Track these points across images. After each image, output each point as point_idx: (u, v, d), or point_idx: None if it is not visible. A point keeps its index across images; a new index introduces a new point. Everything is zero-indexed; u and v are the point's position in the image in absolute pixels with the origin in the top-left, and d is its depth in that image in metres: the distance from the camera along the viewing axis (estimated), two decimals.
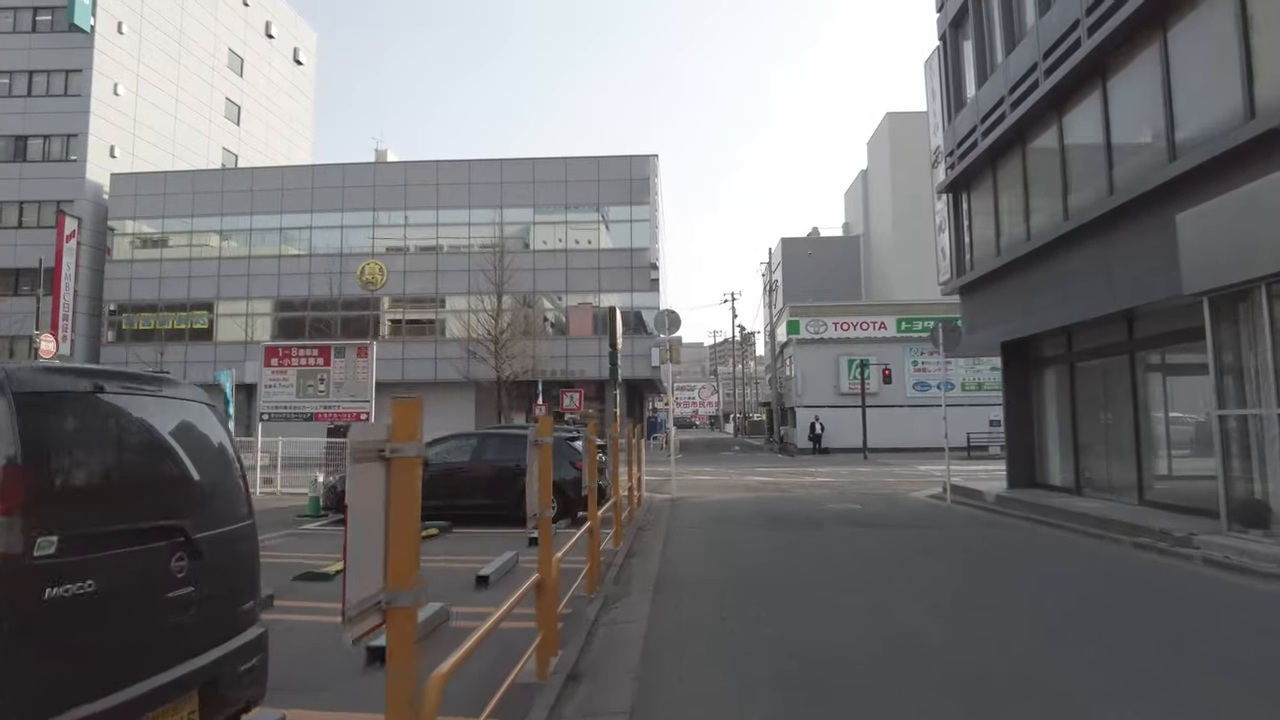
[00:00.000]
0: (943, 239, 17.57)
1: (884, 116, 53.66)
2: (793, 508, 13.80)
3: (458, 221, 37.57)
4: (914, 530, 10.82)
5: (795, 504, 14.56)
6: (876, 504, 14.51)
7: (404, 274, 37.69)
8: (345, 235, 38.35)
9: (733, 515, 12.71)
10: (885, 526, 11.18)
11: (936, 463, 28.41)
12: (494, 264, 33.42)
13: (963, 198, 16.40)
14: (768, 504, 14.58)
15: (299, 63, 59.85)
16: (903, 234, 51.37)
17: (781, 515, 12.49)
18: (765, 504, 14.60)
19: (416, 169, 38.60)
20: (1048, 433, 14.07)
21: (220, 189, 39.10)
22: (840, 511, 13.17)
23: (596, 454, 9.95)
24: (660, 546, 9.33)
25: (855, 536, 10.22)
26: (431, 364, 36.63)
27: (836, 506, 14.01)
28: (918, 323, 36.89)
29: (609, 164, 37.65)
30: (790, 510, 13.35)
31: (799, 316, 37.53)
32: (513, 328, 33.78)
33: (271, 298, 38.23)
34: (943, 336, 14.23)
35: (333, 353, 16.86)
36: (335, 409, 16.75)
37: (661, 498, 16.02)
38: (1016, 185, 13.74)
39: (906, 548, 9.32)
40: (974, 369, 36.66)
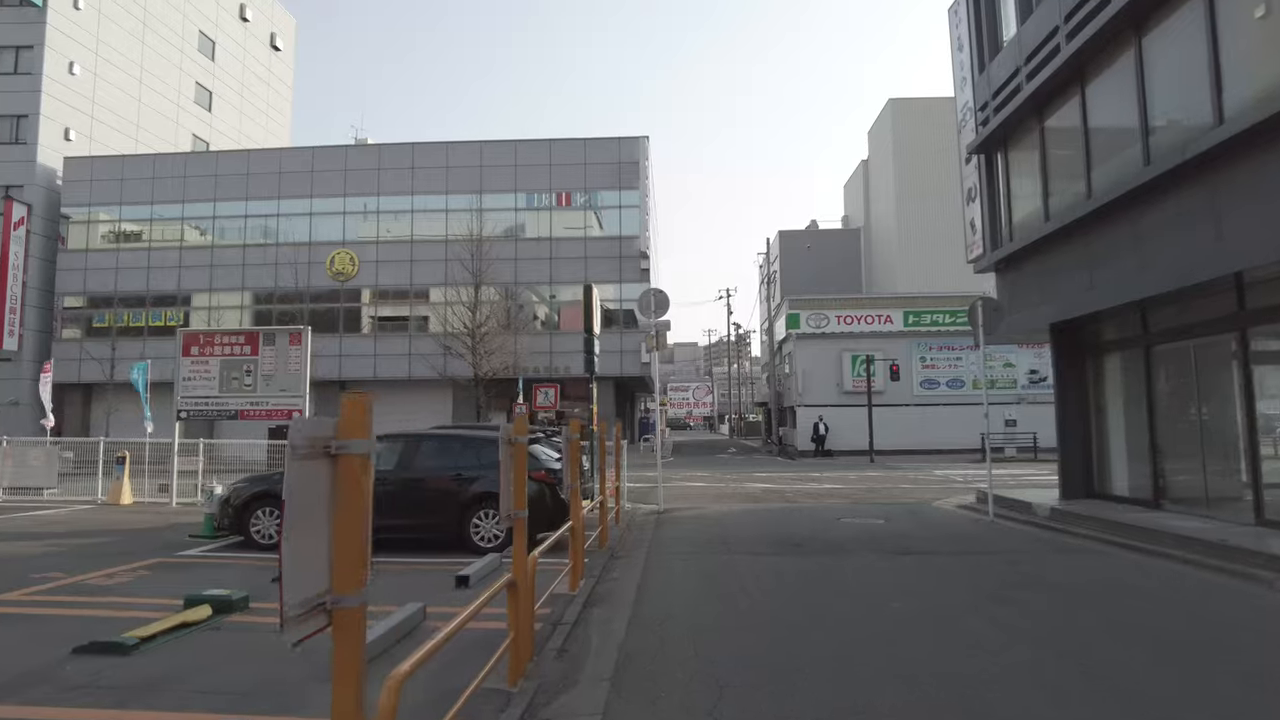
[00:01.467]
0: (972, 210, 15.20)
1: (886, 103, 51.40)
2: (803, 524, 11.39)
3: (434, 208, 35.11)
4: (967, 560, 8.41)
5: (805, 519, 12.15)
6: (903, 518, 12.11)
7: (376, 264, 35.28)
8: (314, 223, 35.86)
9: (731, 535, 10.28)
10: (928, 553, 8.76)
11: (952, 466, 26.16)
12: (472, 253, 31.05)
13: (998, 158, 14.04)
14: (772, 519, 12.16)
15: (276, 49, 57.39)
16: (907, 225, 49.10)
17: (791, 536, 10.06)
18: (769, 519, 12.19)
19: (391, 152, 36.12)
20: (1110, 432, 11.71)
21: (183, 174, 36.58)
22: (862, 529, 10.76)
23: (579, 457, 7.63)
24: (634, 589, 6.90)
25: (895, 570, 7.81)
26: (405, 360, 34.17)
27: (856, 522, 11.60)
28: (926, 316, 34.59)
29: (597, 146, 35.24)
30: (801, 528, 10.93)
31: (799, 309, 35.16)
32: (492, 321, 31.38)
33: (236, 289, 35.71)
34: (983, 316, 11.84)
35: (261, 340, 14.42)
36: (264, 405, 14.32)
37: (647, 509, 13.62)
38: (1072, 134, 11.37)
39: (970, 587, 6.91)
40: (986, 365, 34.29)
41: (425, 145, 36.04)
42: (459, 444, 9.33)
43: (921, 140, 49.03)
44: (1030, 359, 34.27)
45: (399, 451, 9.24)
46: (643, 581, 7.20)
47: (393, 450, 9.20)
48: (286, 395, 14.29)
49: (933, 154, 48.81)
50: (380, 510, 7.87)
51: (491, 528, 8.88)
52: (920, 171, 48.67)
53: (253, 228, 36.18)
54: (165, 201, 36.41)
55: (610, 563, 8.32)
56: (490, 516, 8.85)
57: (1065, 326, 12.09)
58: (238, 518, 9.12)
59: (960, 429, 32.22)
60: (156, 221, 36.69)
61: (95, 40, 40.54)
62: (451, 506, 8.86)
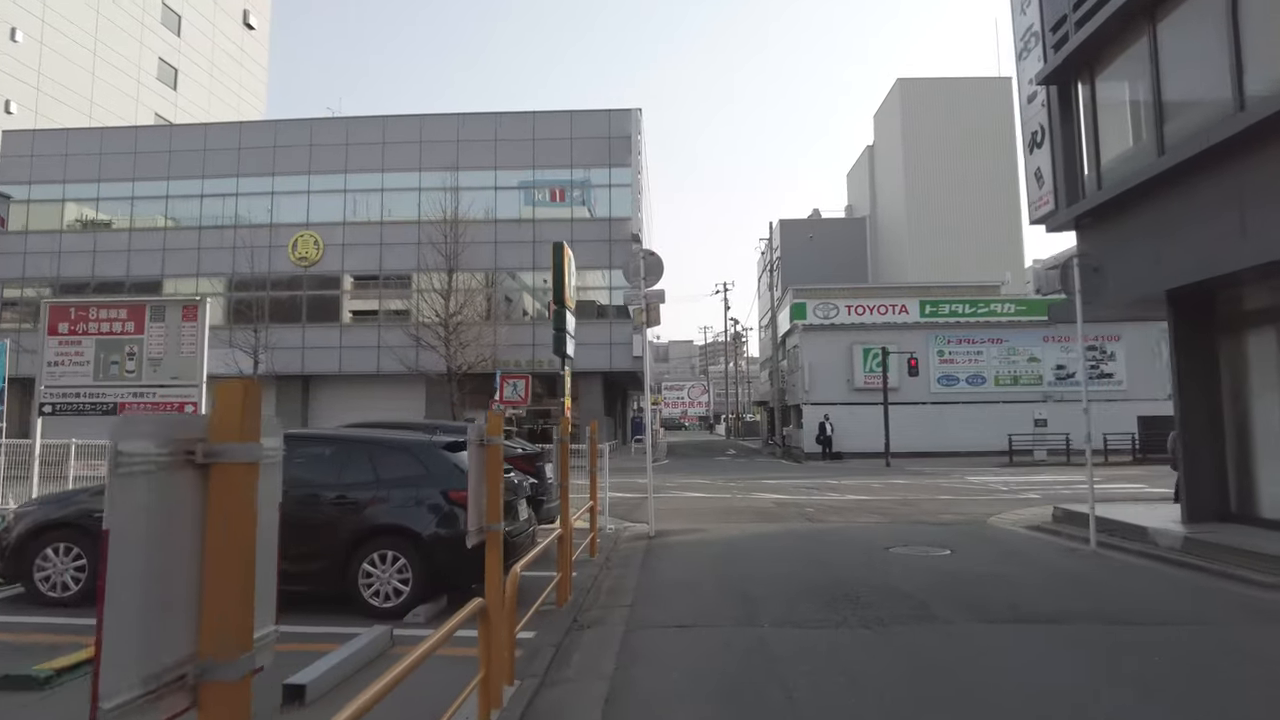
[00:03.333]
0: (1038, 158, 12.27)
1: (894, 84, 48.55)
2: (845, 558, 8.42)
3: (407, 187, 32.05)
4: (1126, 634, 5.43)
5: (843, 548, 9.19)
6: (972, 548, 9.15)
7: (343, 248, 32.21)
8: (276, 203, 32.76)
9: (751, 579, 7.26)
10: (1055, 619, 5.77)
11: (979, 470, 23.12)
12: (446, 235, 28.05)
13: (1077, 87, 11.11)
14: (800, 549, 9.18)
15: (250, 26, 54.40)
16: (917, 212, 46.24)
17: (838, 582, 7.05)
18: (796, 549, 9.20)
19: (360, 126, 33.04)
20: (1255, 435, 8.77)
21: (133, 149, 33.42)
22: (929, 567, 7.82)
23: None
24: None
25: (1034, 660, 4.83)
26: (374, 353, 31.11)
27: (914, 554, 8.65)
28: (944, 306, 31.71)
29: (584, 120, 32.24)
30: (844, 564, 7.96)
31: (805, 299, 32.21)
32: (468, 310, 28.37)
33: (190, 275, 32.58)
34: (1079, 279, 8.84)
35: (148, 315, 11.35)
36: (149, 397, 11.26)
37: (634, 531, 10.65)
38: (1205, 30, 8.42)
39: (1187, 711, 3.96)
40: (1009, 360, 31.51)
41: (397, 119, 33.02)
42: (347, 451, 6.29)
43: (932, 123, 46.22)
44: (1056, 353, 31.46)
45: None
46: (613, 695, 4.19)
47: None
48: (179, 385, 11.23)
49: (944, 137, 46.03)
50: None
51: (393, 578, 5.87)
52: (931, 155, 45.86)
53: (210, 208, 33.06)
54: (114, 179, 33.30)
55: (569, 640, 5.32)
56: (391, 561, 5.85)
57: (1189, 293, 9.15)
58: (15, 559, 6.10)
59: (982, 429, 29.37)
60: (105, 201, 33.59)
61: (42, 6, 37.44)
62: (330, 545, 5.87)
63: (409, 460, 6.11)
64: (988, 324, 31.50)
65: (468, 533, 3.70)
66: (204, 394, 11.19)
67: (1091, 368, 31.41)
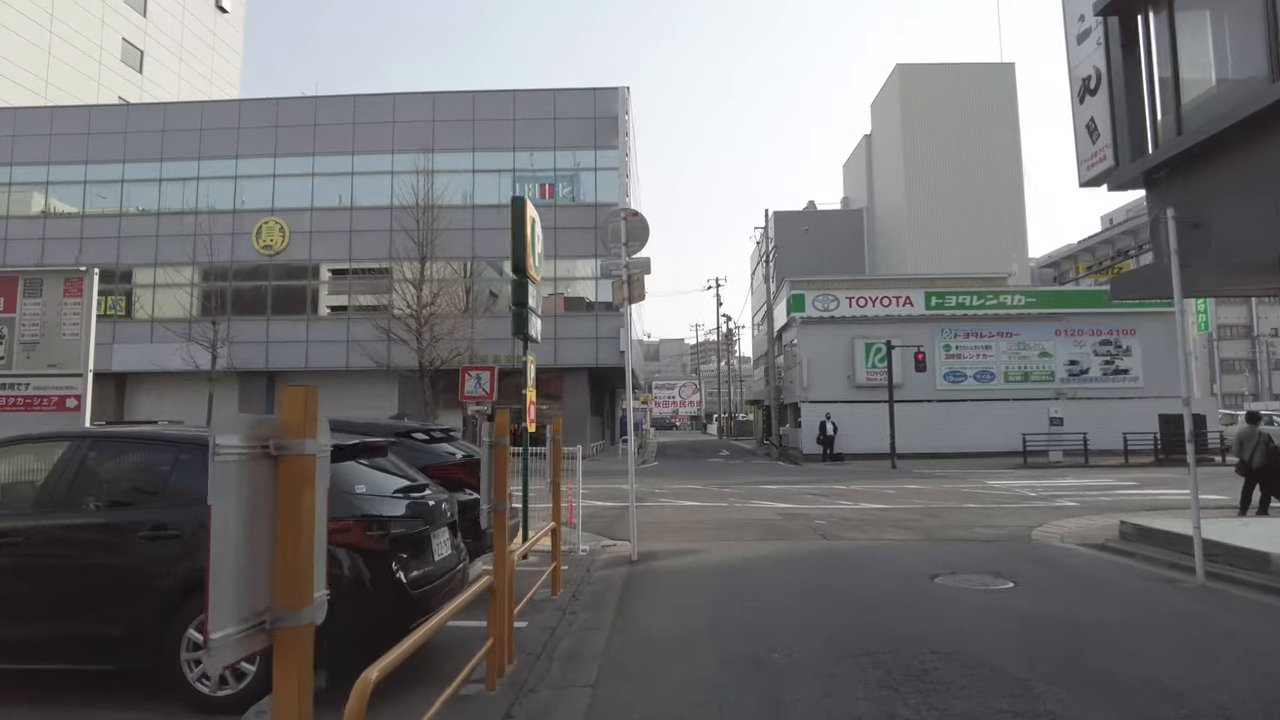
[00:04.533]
0: (1091, 106, 10.38)
1: (893, 70, 46.74)
2: (886, 598, 6.46)
3: (378, 170, 29.98)
4: None
5: (879, 579, 7.25)
6: (1037, 577, 7.24)
7: (310, 235, 30.13)
8: (240, 187, 30.65)
9: (765, 638, 5.23)
10: None
11: (993, 473, 21.13)
12: (419, 220, 26.02)
13: (1149, 15, 9.22)
14: (825, 583, 7.21)
15: (223, 9, 52.13)
16: (917, 203, 44.42)
17: (887, 641, 5.03)
18: (817, 581, 7.24)
19: (329, 106, 30.94)
20: None
21: (86, 130, 31.22)
22: (994, 608, 5.92)
23: None
24: None
25: None
26: (343, 348, 29.02)
27: (965, 586, 6.74)
28: (950, 297, 29.87)
29: (569, 99, 30.26)
30: (890, 611, 5.96)
31: (804, 290, 30.31)
32: (442, 300, 26.33)
33: (148, 264, 30.43)
34: (1175, 238, 6.91)
35: (21, 289, 9.32)
36: (20, 390, 9.22)
37: (613, 554, 8.71)
38: None
39: None
40: (1019, 354, 29.71)
41: (368, 98, 30.94)
42: (168, 458, 4.25)
43: (933, 110, 44.43)
44: (1069, 348, 29.69)
45: (38, 473, 4.20)
46: None
47: (19, 471, 4.19)
48: (58, 374, 9.20)
49: (945, 124, 44.25)
50: None
51: None
52: (932, 144, 44.06)
53: (169, 193, 30.88)
54: (66, 162, 31.10)
55: None
56: None
57: None
58: None
59: (992, 428, 27.57)
60: (55, 185, 31.40)
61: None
62: (135, 599, 3.86)
63: (482, 466, 4.22)
64: (997, 316, 29.69)
65: None
66: (88, 384, 9.19)
67: (1106, 363, 29.70)
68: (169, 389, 29.30)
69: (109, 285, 30.52)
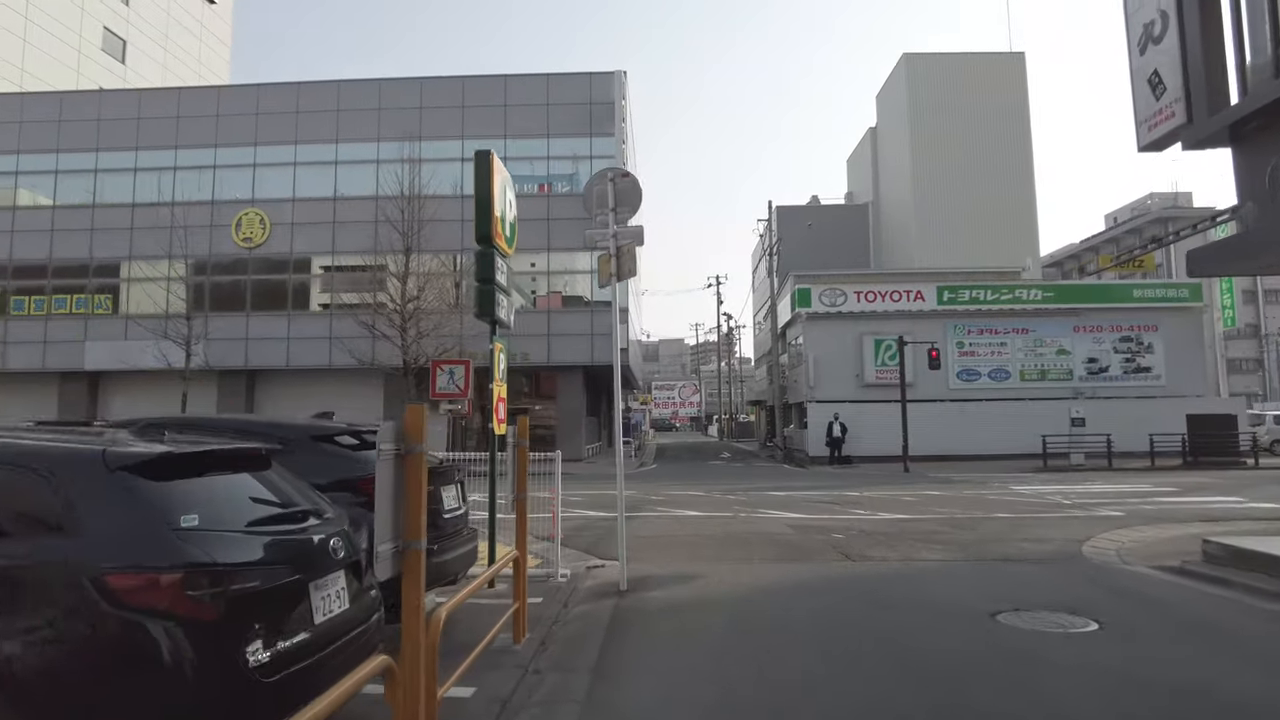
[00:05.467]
0: (1154, 58, 8.98)
1: (899, 60, 45.31)
2: (945, 653, 5.01)
3: (363, 159, 28.57)
4: None
5: (928, 620, 5.82)
6: (1131, 617, 5.80)
7: (291, 227, 28.72)
8: (219, 178, 29.23)
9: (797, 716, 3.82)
10: None
11: (1019, 478, 19.01)
12: (404, 211, 24.57)
13: None
14: (860, 625, 5.78)
15: (211, 0, 50.81)
16: (924, 196, 42.99)
17: None
18: (854, 626, 5.80)
19: (312, 92, 29.54)
20: None
21: (58, 117, 29.79)
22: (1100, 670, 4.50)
23: None
24: None
25: None
26: (325, 345, 27.60)
27: (1044, 631, 5.33)
28: (964, 292, 28.46)
29: (562, 84, 28.87)
30: (955, 676, 4.51)
31: (810, 285, 28.88)
32: (428, 294, 24.88)
33: (122, 258, 29.02)
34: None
35: None
36: None
37: (598, 582, 7.29)
38: None
39: None
40: (1036, 352, 28.29)
41: (352, 83, 29.56)
42: None
43: (940, 101, 43.02)
44: (1088, 345, 28.28)
45: None
46: None
47: None
48: None
49: (953, 116, 42.82)
50: None
51: None
52: (939, 136, 42.64)
53: (144, 184, 29.46)
54: (37, 151, 29.70)
55: None
56: None
57: None
58: None
59: (1007, 429, 26.17)
60: (25, 175, 29.99)
61: None
62: None
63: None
64: (1012, 312, 28.28)
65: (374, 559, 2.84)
66: None
67: (1126, 361, 28.29)
68: (144, 388, 27.85)
69: (80, 280, 29.16)
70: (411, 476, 3.10)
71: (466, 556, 5.62)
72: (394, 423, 3.07)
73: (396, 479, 3.05)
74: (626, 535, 7.17)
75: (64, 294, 29.12)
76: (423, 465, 3.14)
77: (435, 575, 5.23)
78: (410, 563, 3.05)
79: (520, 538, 5.24)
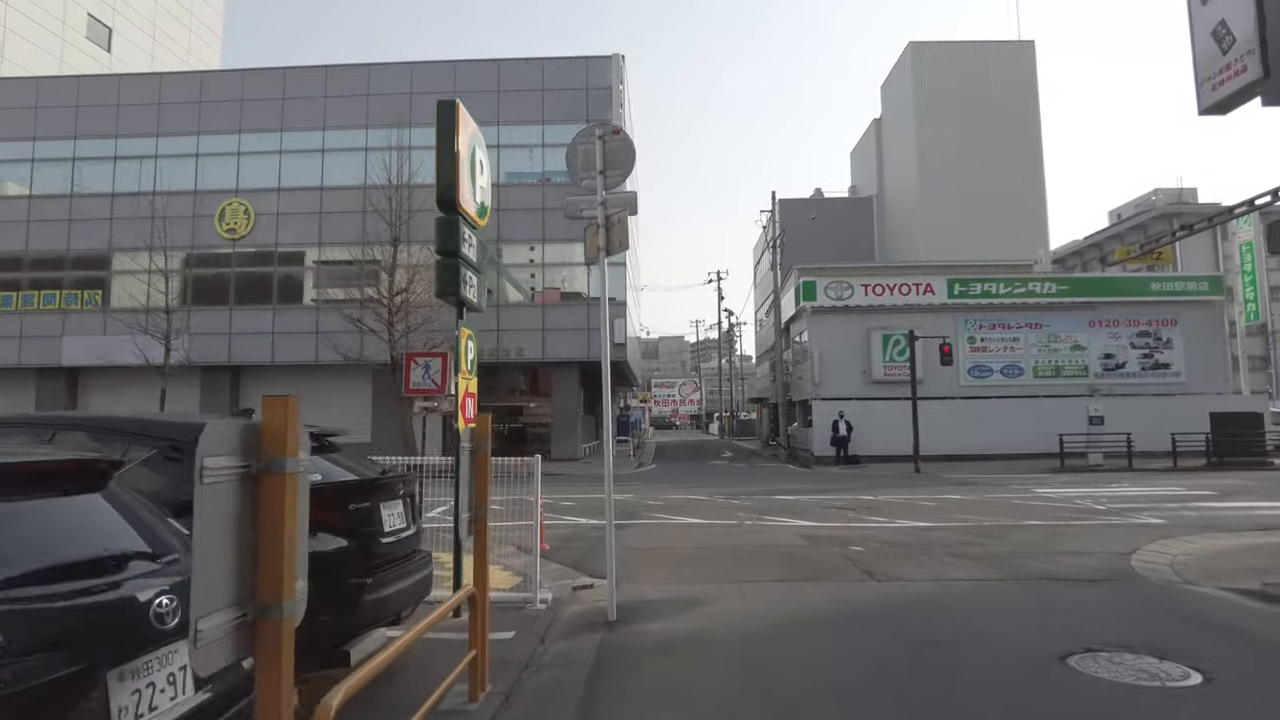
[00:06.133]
0: (1217, 8, 7.91)
1: (905, 47, 44.20)
2: None
3: (351, 146, 27.48)
4: None
5: (983, 667, 4.76)
6: (1236, 664, 4.73)
7: (277, 218, 27.64)
8: (201, 166, 28.15)
9: None
10: None
11: (1039, 479, 17.62)
12: (391, 200, 23.50)
13: None
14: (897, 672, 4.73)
15: None
16: (931, 187, 41.89)
17: None
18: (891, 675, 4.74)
19: (298, 78, 28.44)
20: None
21: (34, 104, 28.70)
22: None
23: None
24: None
25: None
26: (312, 340, 26.53)
27: (1134, 684, 4.29)
28: (975, 285, 27.40)
29: (558, 69, 27.79)
30: None
31: (815, 278, 27.81)
32: (417, 286, 23.79)
33: (101, 249, 27.95)
34: None
35: None
36: None
37: (582, 608, 6.23)
38: None
39: None
40: (1049, 347, 27.22)
41: (341, 68, 28.46)
42: None
43: (947, 90, 41.89)
44: (1104, 340, 27.21)
45: None
46: None
47: None
48: None
49: (961, 106, 41.69)
50: None
51: None
52: (946, 126, 41.53)
53: (124, 173, 28.38)
54: (12, 139, 28.60)
55: None
56: None
57: None
58: None
59: (1020, 428, 25.16)
60: (0, 164, 28.91)
61: None
62: None
63: None
64: (1025, 306, 27.20)
65: None
66: None
67: (1144, 357, 27.21)
68: (124, 385, 26.76)
69: (57, 273, 28.09)
70: (271, 505, 2.03)
71: (416, 586, 4.56)
72: (237, 423, 1.99)
73: (241, 512, 1.99)
74: (620, 547, 6.12)
75: (40, 288, 28.04)
76: (294, 489, 2.08)
77: (372, 615, 4.16)
78: (265, 638, 1.98)
79: (479, 569, 4.17)
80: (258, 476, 2.04)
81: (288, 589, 2.03)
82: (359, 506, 4.10)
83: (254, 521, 2.03)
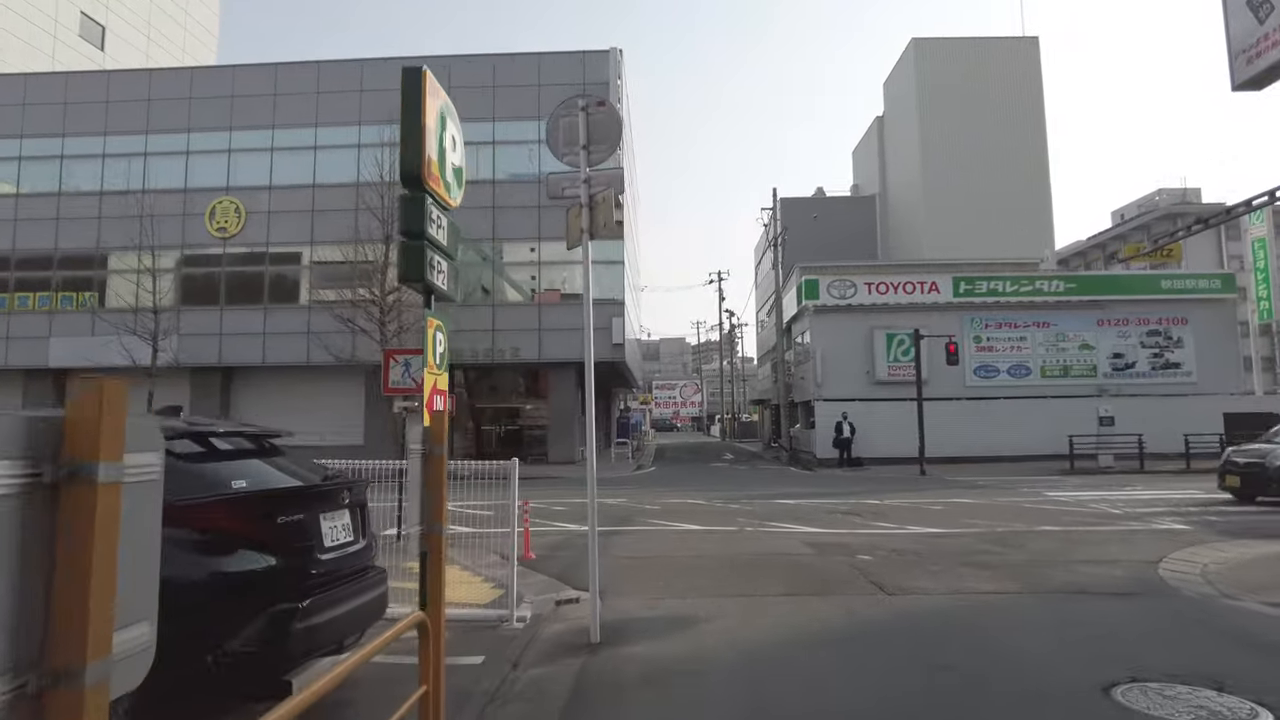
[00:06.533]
0: None
1: (909, 44, 43.65)
2: None
3: (343, 143, 26.96)
4: None
5: (1022, 707, 4.15)
6: None
7: (268, 216, 27.10)
8: (191, 164, 27.61)
9: None
10: None
11: (1049, 482, 17.18)
12: (383, 196, 22.97)
13: None
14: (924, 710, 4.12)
15: None
16: (934, 185, 41.33)
17: None
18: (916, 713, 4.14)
19: (289, 74, 27.92)
20: None
21: (21, 101, 28.19)
22: None
23: None
24: None
25: None
26: (303, 340, 25.98)
27: None
28: (981, 284, 26.80)
29: (554, 63, 27.26)
30: None
31: (817, 276, 27.23)
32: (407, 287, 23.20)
33: (89, 248, 27.40)
34: None
35: None
36: None
37: (562, 628, 5.65)
38: None
39: None
40: (1057, 347, 26.62)
41: (333, 64, 27.93)
42: None
43: (951, 87, 41.33)
44: (1113, 339, 26.63)
45: None
46: None
47: None
48: None
49: (964, 103, 41.13)
50: None
51: None
52: (950, 124, 40.96)
53: (113, 171, 27.86)
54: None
55: None
56: None
57: None
58: None
59: (1028, 429, 24.59)
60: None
61: None
62: None
63: None
64: (1032, 305, 26.61)
65: None
66: None
67: (1154, 356, 26.61)
68: None
69: (45, 273, 27.56)
70: (75, 528, 1.46)
71: (366, 609, 3.99)
72: (20, 416, 1.42)
73: (24, 539, 1.41)
74: (612, 557, 5.55)
75: (28, 289, 27.53)
76: (113, 506, 1.50)
77: (307, 644, 3.59)
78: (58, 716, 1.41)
79: (434, 592, 3.59)
80: (56, 488, 1.47)
81: (96, 645, 1.45)
82: (290, 519, 3.52)
83: (49, 551, 1.46)
